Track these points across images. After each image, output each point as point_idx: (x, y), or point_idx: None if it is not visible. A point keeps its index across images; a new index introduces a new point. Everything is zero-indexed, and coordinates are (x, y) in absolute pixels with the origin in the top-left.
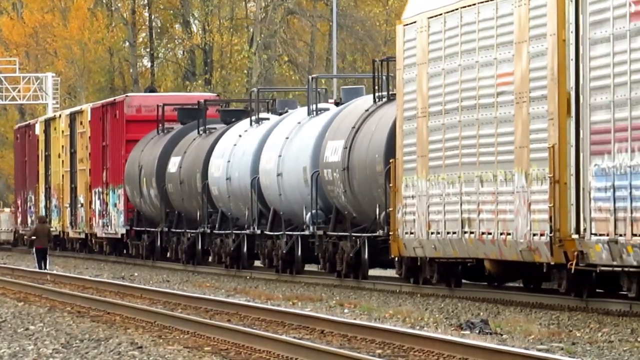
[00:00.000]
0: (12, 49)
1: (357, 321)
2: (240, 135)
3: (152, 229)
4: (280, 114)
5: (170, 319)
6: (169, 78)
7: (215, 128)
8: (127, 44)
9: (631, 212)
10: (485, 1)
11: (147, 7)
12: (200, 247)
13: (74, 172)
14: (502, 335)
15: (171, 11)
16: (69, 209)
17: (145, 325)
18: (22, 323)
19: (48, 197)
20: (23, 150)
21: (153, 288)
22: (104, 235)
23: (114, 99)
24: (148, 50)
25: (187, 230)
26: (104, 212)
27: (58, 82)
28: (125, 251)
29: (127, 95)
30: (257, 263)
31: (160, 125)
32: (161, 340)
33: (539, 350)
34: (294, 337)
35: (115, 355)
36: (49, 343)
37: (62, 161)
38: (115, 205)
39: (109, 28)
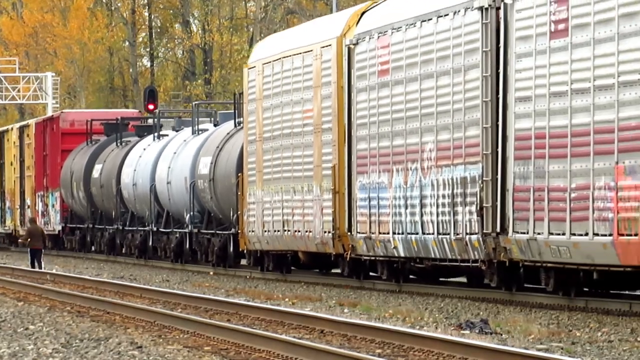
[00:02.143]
0: (12, 48)
1: (357, 321)
2: (144, 149)
3: (81, 226)
4: (178, 132)
5: (170, 318)
6: (169, 78)
7: (130, 141)
8: (127, 43)
9: (378, 217)
10: (297, 54)
11: (147, 7)
12: (118, 241)
13: (23, 178)
14: (502, 335)
15: (171, 11)
16: (19, 210)
17: (145, 325)
18: (22, 323)
19: (3, 200)
20: None
21: (153, 288)
22: (45, 232)
23: (52, 115)
24: (148, 49)
25: (107, 227)
26: (45, 212)
27: (58, 82)
28: (63, 245)
29: (62, 112)
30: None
31: (89, 137)
32: (161, 340)
33: (539, 350)
34: (294, 337)
35: (115, 355)
36: (48, 343)
37: (14, 168)
38: (53, 206)
39: (108, 28)
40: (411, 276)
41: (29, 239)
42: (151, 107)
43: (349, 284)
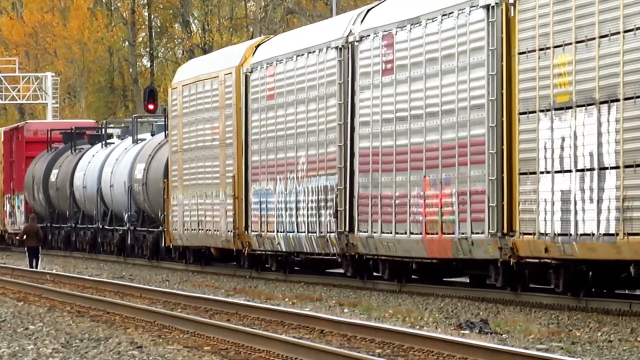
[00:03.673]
0: (12, 48)
1: (357, 321)
2: (93, 155)
3: (41, 225)
4: (122, 140)
5: (170, 318)
6: (169, 78)
7: (83, 148)
8: (127, 43)
9: (266, 218)
10: (207, 79)
11: (146, 7)
12: (73, 238)
13: None
14: (501, 335)
15: (171, 11)
16: None
17: (145, 325)
18: (22, 323)
19: None
20: None
21: (153, 288)
22: (12, 230)
23: (17, 125)
24: (148, 49)
25: (62, 225)
26: (12, 213)
27: (58, 82)
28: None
29: (26, 122)
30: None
31: (49, 145)
32: (161, 340)
33: (539, 349)
34: (294, 337)
35: (115, 355)
36: (48, 343)
37: None
38: (18, 207)
39: (108, 28)
40: (296, 267)
41: (24, 237)
42: (151, 107)
43: (349, 283)
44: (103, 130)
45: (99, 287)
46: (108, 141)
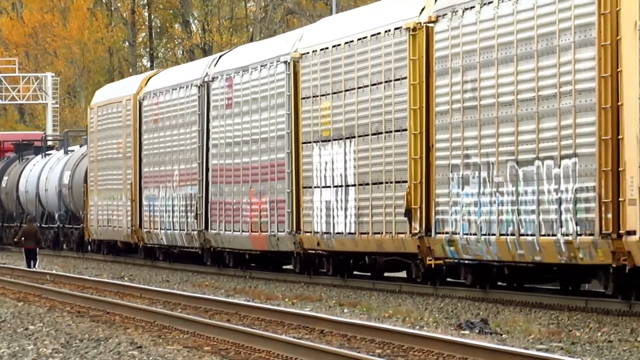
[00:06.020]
0: (11, 49)
1: (357, 321)
2: (34, 164)
3: None
4: (58, 151)
5: (170, 318)
6: None
7: (28, 158)
8: (127, 43)
9: (153, 218)
10: (114, 102)
11: (146, 7)
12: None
13: None
14: (501, 335)
15: (171, 11)
16: None
17: (145, 325)
18: (22, 323)
19: None
20: None
21: (153, 288)
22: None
23: None
24: (148, 50)
25: (11, 225)
26: None
27: (58, 82)
28: None
29: None
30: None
31: (2, 154)
32: (161, 340)
33: (539, 350)
34: (294, 337)
35: (115, 355)
36: (48, 343)
37: None
38: None
39: (108, 28)
40: (186, 258)
41: (22, 238)
42: None
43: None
44: (40, 141)
45: (99, 287)
46: (47, 152)
